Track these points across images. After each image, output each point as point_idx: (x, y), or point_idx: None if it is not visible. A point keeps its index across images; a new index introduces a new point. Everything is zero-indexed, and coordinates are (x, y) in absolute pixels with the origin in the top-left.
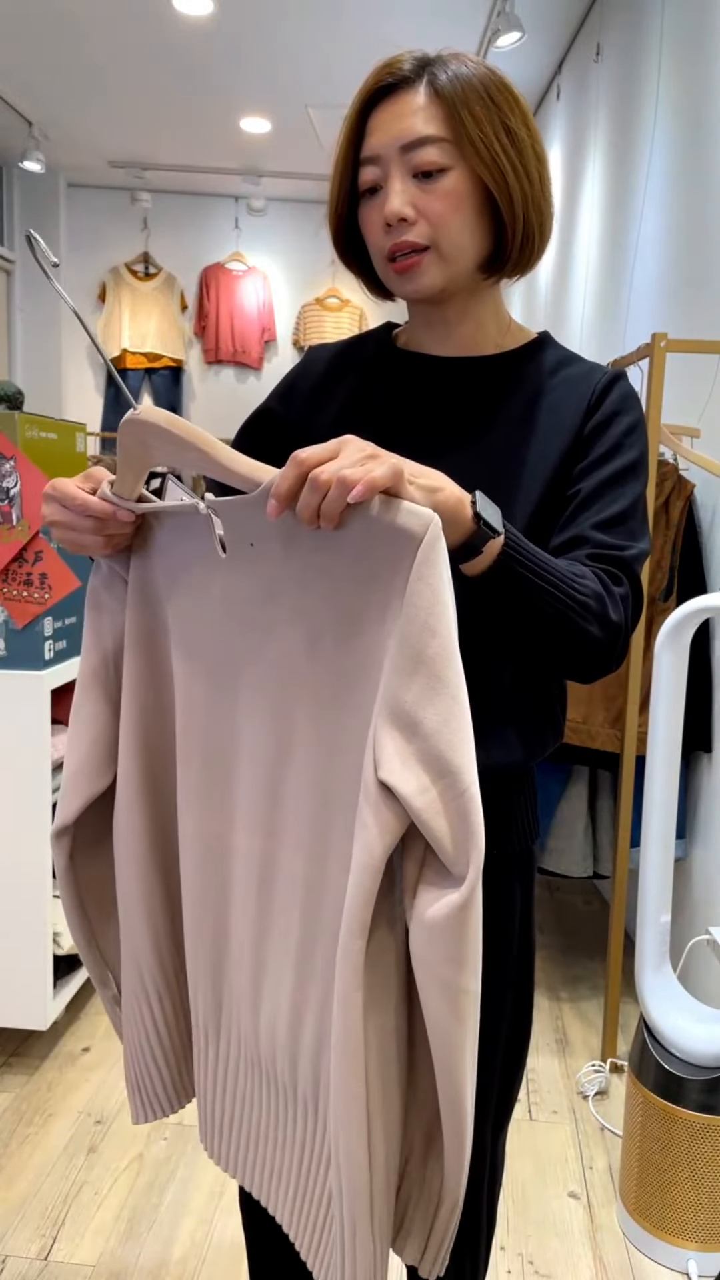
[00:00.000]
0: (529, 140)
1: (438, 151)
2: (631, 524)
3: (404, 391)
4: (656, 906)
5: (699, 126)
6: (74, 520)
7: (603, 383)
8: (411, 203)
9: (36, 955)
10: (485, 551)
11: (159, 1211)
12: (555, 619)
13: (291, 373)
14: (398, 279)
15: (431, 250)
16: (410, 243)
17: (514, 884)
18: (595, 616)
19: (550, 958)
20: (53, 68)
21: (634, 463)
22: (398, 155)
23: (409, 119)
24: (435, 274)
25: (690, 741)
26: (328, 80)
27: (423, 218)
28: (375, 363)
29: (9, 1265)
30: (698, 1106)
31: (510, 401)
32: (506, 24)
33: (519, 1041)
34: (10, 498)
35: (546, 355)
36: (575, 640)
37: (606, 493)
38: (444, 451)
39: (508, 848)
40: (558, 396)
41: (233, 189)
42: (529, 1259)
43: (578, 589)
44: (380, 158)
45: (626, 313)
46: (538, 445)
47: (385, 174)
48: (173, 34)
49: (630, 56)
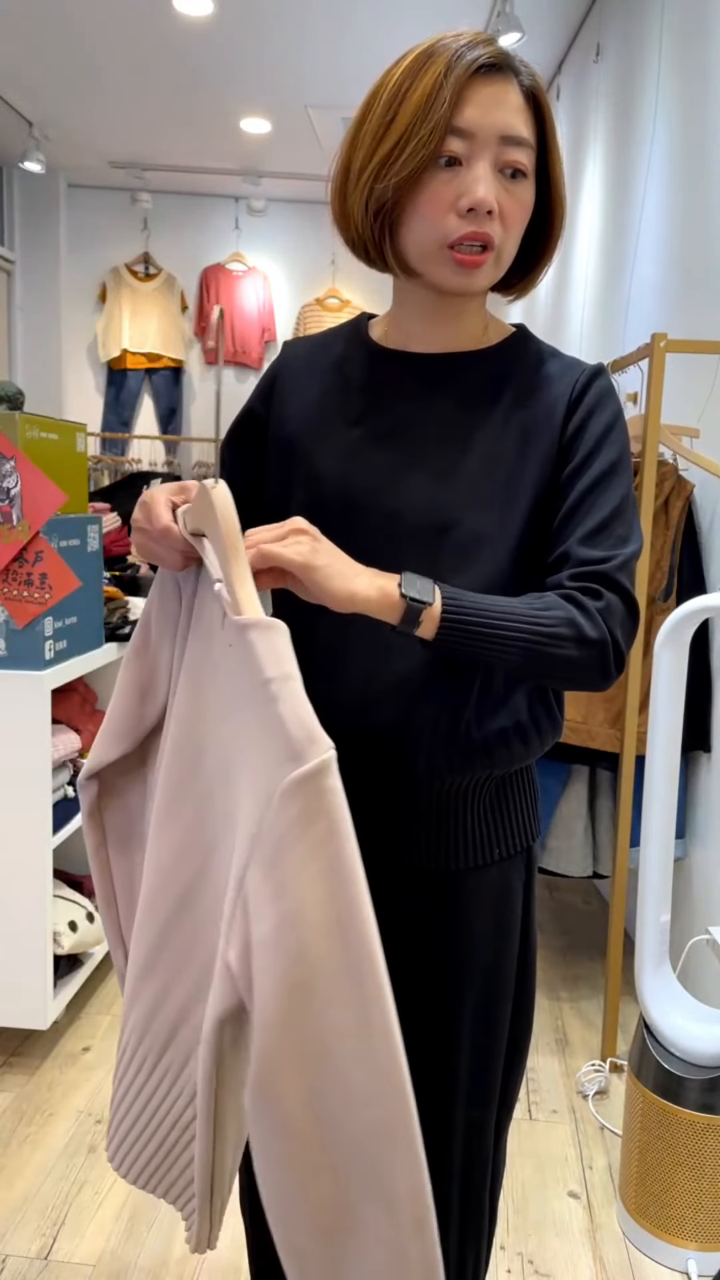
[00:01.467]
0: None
1: (527, 156)
2: (616, 529)
3: (387, 387)
4: (656, 906)
5: (699, 126)
6: (155, 535)
7: (581, 381)
8: (496, 196)
9: (36, 955)
10: (426, 620)
11: (159, 1211)
12: (526, 655)
13: (270, 371)
14: (456, 270)
15: (495, 252)
16: (486, 235)
17: (515, 881)
18: (570, 640)
19: (550, 958)
20: (53, 68)
21: (614, 463)
22: (495, 142)
23: (513, 113)
24: (488, 278)
25: (690, 741)
26: (328, 80)
27: (500, 216)
28: (354, 359)
29: (9, 1265)
30: (698, 1106)
31: (493, 398)
32: (506, 24)
33: (521, 1040)
34: (10, 498)
35: (527, 350)
36: (558, 667)
37: (589, 500)
38: (429, 449)
39: (509, 845)
40: (539, 395)
41: (233, 189)
42: (529, 1258)
43: (541, 621)
44: (476, 135)
45: (626, 313)
46: (521, 445)
47: (473, 154)
48: (173, 34)
49: (630, 56)
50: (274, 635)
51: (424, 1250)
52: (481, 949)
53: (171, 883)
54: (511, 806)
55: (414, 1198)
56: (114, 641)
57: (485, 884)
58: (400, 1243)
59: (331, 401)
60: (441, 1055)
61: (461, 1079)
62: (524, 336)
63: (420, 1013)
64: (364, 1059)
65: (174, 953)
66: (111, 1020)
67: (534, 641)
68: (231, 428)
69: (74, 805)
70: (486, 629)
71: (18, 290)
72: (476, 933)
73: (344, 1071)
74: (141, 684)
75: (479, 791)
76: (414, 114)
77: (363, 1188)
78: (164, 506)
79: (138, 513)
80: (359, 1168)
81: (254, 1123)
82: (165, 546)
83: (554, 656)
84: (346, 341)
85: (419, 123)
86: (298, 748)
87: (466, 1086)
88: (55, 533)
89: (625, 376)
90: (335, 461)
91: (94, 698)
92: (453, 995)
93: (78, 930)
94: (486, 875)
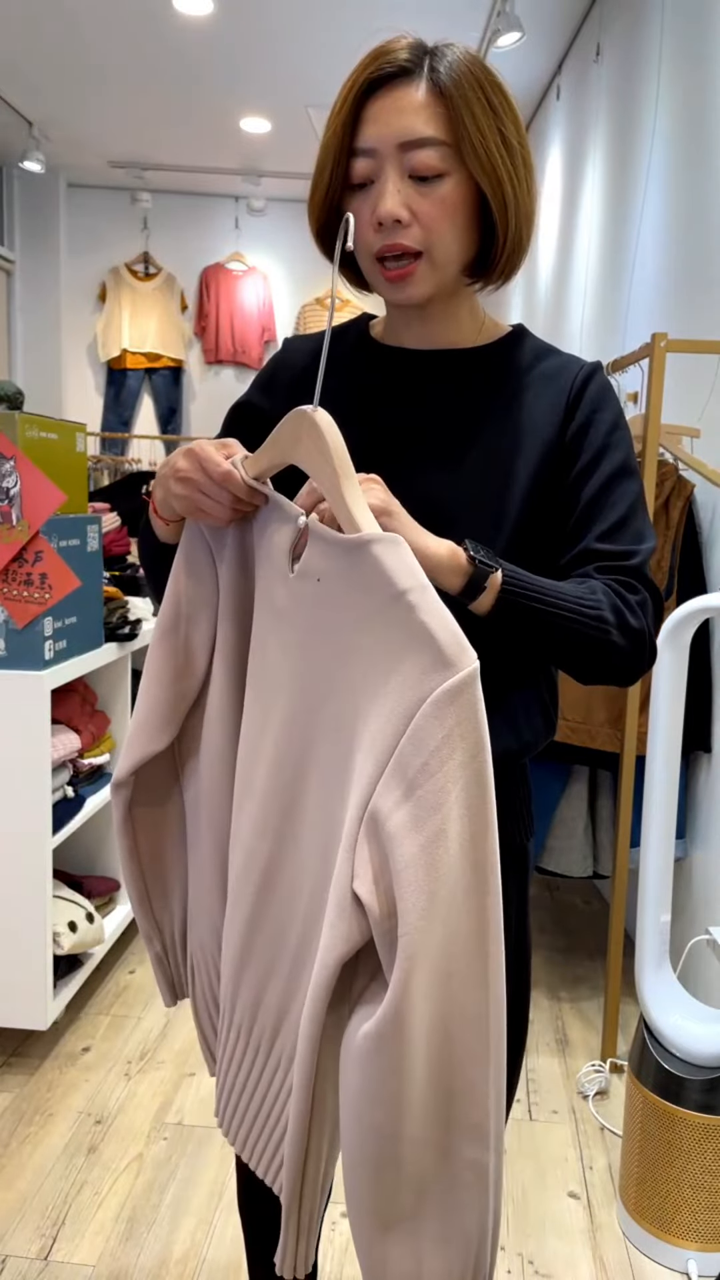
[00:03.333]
0: (520, 146)
1: (437, 155)
2: (634, 525)
3: (385, 385)
4: (656, 906)
5: (699, 126)
6: (208, 485)
7: (579, 379)
8: (406, 204)
9: (36, 955)
10: (488, 587)
11: (159, 1211)
12: (574, 637)
13: (270, 364)
14: (388, 285)
15: (424, 258)
16: (402, 245)
17: (508, 880)
18: (614, 627)
19: (550, 958)
20: (53, 68)
21: (624, 463)
22: (395, 152)
23: (409, 116)
24: (426, 283)
25: (690, 741)
26: (328, 80)
27: (417, 222)
28: (355, 356)
29: (9, 1265)
30: (698, 1106)
31: (491, 395)
32: (506, 24)
33: (516, 1042)
34: (10, 498)
35: (524, 347)
36: (601, 653)
37: (604, 499)
38: (427, 446)
39: (502, 842)
40: (536, 392)
41: (233, 189)
42: (529, 1259)
43: (589, 604)
44: (376, 152)
45: (626, 313)
46: (519, 443)
47: (379, 170)
48: (173, 34)
49: (630, 56)
50: (400, 548)
51: (500, 1166)
52: None
53: (255, 859)
54: (504, 801)
55: (497, 1119)
56: (114, 641)
57: None
58: (484, 1163)
59: (331, 398)
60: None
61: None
62: (520, 334)
63: None
64: (480, 982)
65: (268, 933)
66: (111, 1020)
67: (582, 623)
68: (227, 420)
69: (74, 805)
70: (540, 604)
71: (18, 290)
72: None
73: (465, 994)
74: (177, 666)
75: None
76: (325, 144)
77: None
78: (217, 453)
79: (182, 462)
80: (457, 1097)
81: (369, 1063)
82: (220, 495)
83: (599, 641)
84: (346, 339)
85: (327, 152)
86: (449, 654)
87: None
88: (55, 532)
89: (625, 376)
90: None
91: (94, 698)
92: None
93: (78, 930)
94: None
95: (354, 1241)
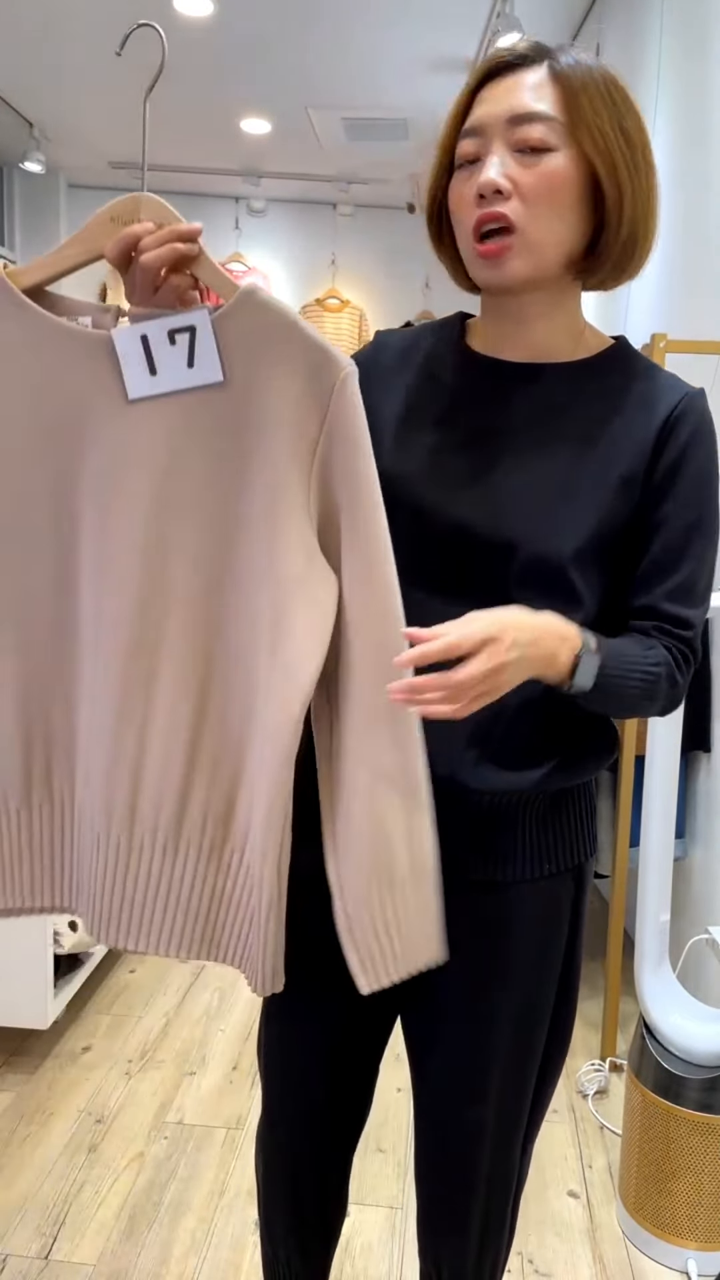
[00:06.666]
0: (642, 145)
1: (546, 129)
2: (698, 588)
3: (471, 395)
4: (656, 906)
5: (699, 126)
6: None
7: (678, 411)
8: (509, 175)
9: (36, 955)
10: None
11: (159, 1211)
12: (634, 698)
13: (361, 356)
14: (482, 264)
15: (519, 236)
16: (498, 214)
17: (564, 898)
18: (665, 693)
19: None
20: (53, 68)
21: (701, 519)
22: (503, 127)
23: (521, 93)
24: (521, 264)
25: (690, 741)
26: (328, 81)
27: (518, 194)
28: (444, 359)
29: (9, 1265)
30: (697, 1106)
31: (580, 416)
32: (506, 24)
33: (558, 1053)
34: None
35: (621, 366)
36: (648, 706)
37: (679, 551)
38: (505, 463)
39: (559, 861)
40: (629, 417)
41: (233, 190)
42: (529, 1258)
43: (651, 666)
44: (484, 128)
45: (626, 313)
46: (604, 470)
47: (486, 146)
48: (173, 34)
49: (630, 56)
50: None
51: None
52: (523, 964)
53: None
54: (565, 821)
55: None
56: None
57: (533, 899)
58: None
59: (416, 400)
60: (474, 1068)
61: (492, 1093)
62: (620, 350)
63: (455, 1023)
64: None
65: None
66: (112, 1019)
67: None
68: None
69: None
70: (621, 680)
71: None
72: (518, 947)
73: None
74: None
75: (532, 804)
76: (441, 137)
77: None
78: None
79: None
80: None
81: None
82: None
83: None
84: (438, 339)
85: (440, 144)
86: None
87: (496, 1101)
88: None
89: None
90: (412, 464)
91: None
92: (490, 1008)
93: (78, 930)
94: (535, 890)
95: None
